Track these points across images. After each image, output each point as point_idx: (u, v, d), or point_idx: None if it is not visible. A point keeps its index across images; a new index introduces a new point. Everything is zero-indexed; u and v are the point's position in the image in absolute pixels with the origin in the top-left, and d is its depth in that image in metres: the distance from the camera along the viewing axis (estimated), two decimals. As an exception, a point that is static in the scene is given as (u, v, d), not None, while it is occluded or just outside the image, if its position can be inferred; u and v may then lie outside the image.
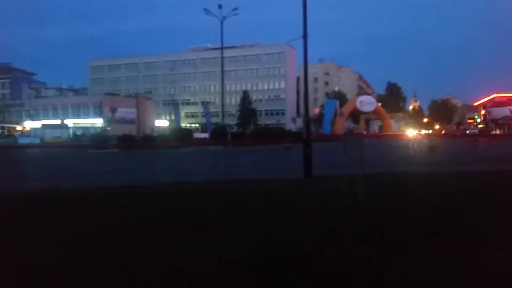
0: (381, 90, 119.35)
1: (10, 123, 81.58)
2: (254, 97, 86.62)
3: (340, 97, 76.85)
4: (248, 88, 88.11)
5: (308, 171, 11.19)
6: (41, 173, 16.06)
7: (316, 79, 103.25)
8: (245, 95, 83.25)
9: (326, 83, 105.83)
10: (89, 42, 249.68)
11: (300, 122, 56.85)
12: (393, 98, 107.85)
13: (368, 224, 5.33)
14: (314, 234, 4.98)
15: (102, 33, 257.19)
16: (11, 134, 69.19)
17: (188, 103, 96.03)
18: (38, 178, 13.45)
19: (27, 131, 70.98)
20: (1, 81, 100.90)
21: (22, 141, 53.31)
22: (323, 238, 4.78)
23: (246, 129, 62.84)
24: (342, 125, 58.98)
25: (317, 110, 79.14)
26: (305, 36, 12.51)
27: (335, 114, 58.77)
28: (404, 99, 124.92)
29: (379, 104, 71.52)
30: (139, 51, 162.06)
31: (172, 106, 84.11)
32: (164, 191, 9.08)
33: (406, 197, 7.60)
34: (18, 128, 76.55)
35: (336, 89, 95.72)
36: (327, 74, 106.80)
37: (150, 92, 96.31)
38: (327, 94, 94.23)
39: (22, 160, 26.49)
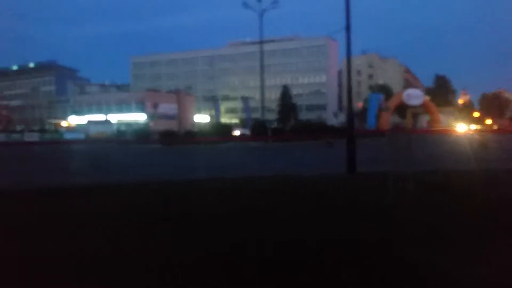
0: (429, 83, 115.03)
1: (56, 118, 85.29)
2: (295, 92, 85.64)
3: (385, 91, 74.47)
4: (288, 82, 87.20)
5: (352, 168, 10.78)
6: (99, 167, 16.51)
7: (359, 72, 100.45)
8: (285, 90, 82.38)
9: (370, 76, 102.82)
10: (131, 39, 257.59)
11: (342, 117, 55.66)
12: (441, 92, 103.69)
13: (417, 225, 5.07)
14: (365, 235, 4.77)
15: (143, 30, 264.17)
16: (58, 129, 72.18)
17: (227, 98, 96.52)
18: (102, 172, 13.90)
19: (73, 126, 73.93)
20: (47, 78, 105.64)
21: (68, 136, 55.47)
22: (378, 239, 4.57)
23: (286, 125, 62.21)
24: (388, 120, 57.16)
25: (360, 104, 77.16)
26: (348, 28, 11.89)
27: (380, 108, 57.04)
28: (453, 93, 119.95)
29: (427, 97, 68.67)
30: (178, 47, 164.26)
31: (212, 101, 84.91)
32: (222, 184, 9.37)
33: (460, 197, 7.07)
34: (63, 123, 79.78)
35: (381, 82, 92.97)
36: (371, 66, 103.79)
37: (190, 88, 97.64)
38: (371, 87, 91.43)
39: (75, 154, 27.59)
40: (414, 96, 59.31)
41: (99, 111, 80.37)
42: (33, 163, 19.62)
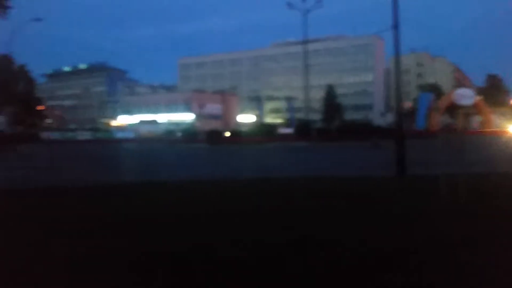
0: (480, 83, 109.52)
1: (106, 118, 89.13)
2: (340, 91, 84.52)
3: (435, 90, 71.80)
4: (333, 82, 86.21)
5: (401, 170, 10.48)
6: (150, 165, 17.08)
7: (407, 71, 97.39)
8: (330, 89, 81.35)
9: (419, 75, 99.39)
10: (179, 41, 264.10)
11: (389, 117, 54.31)
12: (493, 91, 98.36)
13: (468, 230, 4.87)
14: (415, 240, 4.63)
15: (191, 32, 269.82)
16: (108, 128, 75.35)
17: (272, 98, 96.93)
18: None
19: (123, 125, 77.03)
20: (98, 79, 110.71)
21: (119, 135, 57.91)
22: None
23: (331, 125, 61.56)
24: (438, 120, 55.24)
25: (409, 104, 74.85)
26: (396, 26, 11.68)
27: (430, 108, 55.17)
28: (506, 93, 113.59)
29: (479, 97, 65.47)
30: (224, 48, 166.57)
31: (256, 101, 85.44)
32: (272, 185, 9.36)
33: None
34: (114, 123, 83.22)
35: (431, 81, 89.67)
36: (420, 65, 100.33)
37: (235, 88, 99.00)
38: (420, 87, 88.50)
39: (127, 152, 28.88)
40: (465, 96, 55.89)
41: (148, 111, 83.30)
42: (88, 161, 20.85)
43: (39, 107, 69.30)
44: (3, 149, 25.12)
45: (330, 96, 79.60)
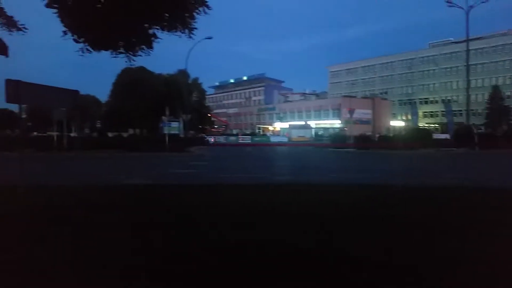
0: None
1: (264, 124, 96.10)
2: (508, 93, 75.06)
3: None
4: (499, 82, 76.94)
5: None
6: (298, 167, 19.00)
7: None
8: (495, 91, 72.97)
9: None
10: (330, 49, 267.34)
11: None
12: None
13: None
14: None
15: (342, 39, 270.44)
16: (265, 133, 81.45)
17: (426, 101, 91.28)
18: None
19: (278, 131, 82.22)
20: (258, 89, 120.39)
21: (273, 139, 62.54)
22: None
23: (497, 130, 55.32)
24: None
25: None
26: None
27: None
28: None
29: None
30: (375, 53, 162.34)
31: (409, 105, 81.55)
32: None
33: None
34: (270, 128, 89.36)
35: None
36: None
37: (385, 93, 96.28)
38: None
39: (285, 154, 31.75)
40: None
41: (300, 117, 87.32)
42: (246, 161, 23.88)
43: (208, 115, 79.30)
44: (180, 150, 30.47)
45: (496, 98, 71.32)
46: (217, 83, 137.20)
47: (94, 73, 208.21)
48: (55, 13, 5.66)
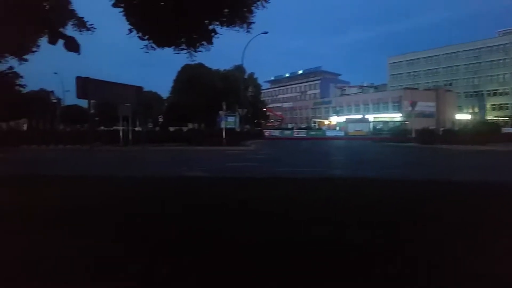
0: None
1: (320, 118, 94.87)
2: None
3: None
4: None
5: None
6: (356, 162, 18.65)
7: None
8: None
9: None
10: (388, 41, 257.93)
11: None
12: None
13: None
14: None
15: (401, 30, 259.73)
16: (320, 127, 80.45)
17: (495, 93, 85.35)
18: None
19: (333, 125, 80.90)
20: (314, 82, 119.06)
21: (329, 133, 61.66)
22: None
23: None
24: None
25: None
26: None
27: None
28: None
29: None
30: (438, 44, 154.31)
31: (476, 98, 76.89)
32: None
33: None
34: (326, 122, 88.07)
35: None
36: None
37: (450, 84, 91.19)
38: None
39: (342, 149, 31.27)
40: None
41: (357, 111, 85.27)
42: (304, 155, 23.73)
43: (263, 109, 79.84)
44: (236, 144, 30.98)
45: None
46: (272, 78, 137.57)
47: (156, 71, 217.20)
48: (121, 12, 5.96)
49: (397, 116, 73.55)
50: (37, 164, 16.96)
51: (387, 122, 68.55)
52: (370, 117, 78.62)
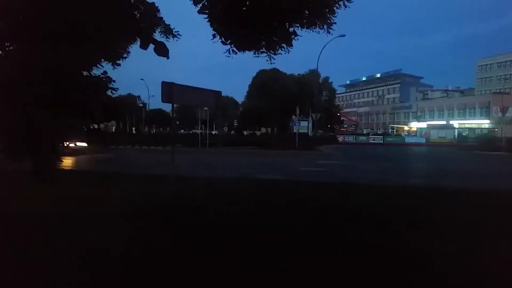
0: None
1: (398, 123, 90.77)
2: None
3: None
4: None
5: None
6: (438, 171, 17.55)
7: None
8: None
9: None
10: (476, 42, 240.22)
11: None
12: None
13: None
14: None
15: (490, 31, 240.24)
16: (399, 133, 76.94)
17: None
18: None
19: (414, 130, 76.93)
20: (393, 86, 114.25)
21: (409, 139, 58.78)
22: None
23: None
24: None
25: None
26: None
27: None
28: None
29: None
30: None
31: None
32: None
33: None
34: (405, 128, 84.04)
35: None
36: None
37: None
38: None
39: (420, 156, 29.71)
40: None
41: (440, 116, 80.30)
42: (378, 162, 22.82)
43: (338, 114, 78.39)
44: (308, 149, 30.78)
45: None
46: (348, 82, 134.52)
47: (233, 77, 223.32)
48: (206, 18, 6.25)
49: (485, 123, 68.08)
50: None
51: (473, 129, 63.77)
52: (455, 123, 73.64)
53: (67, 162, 16.53)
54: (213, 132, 37.76)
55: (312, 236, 4.98)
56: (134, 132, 57.20)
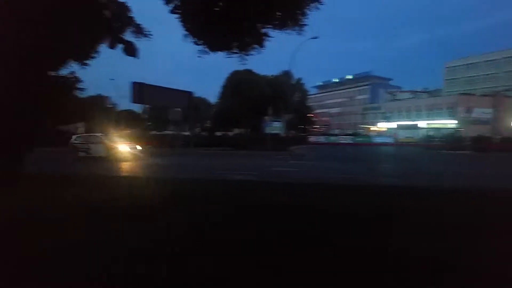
0: None
1: (368, 124, 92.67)
2: None
3: None
4: None
5: None
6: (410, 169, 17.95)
7: None
8: None
9: None
10: (444, 45, 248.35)
11: None
12: None
13: None
14: None
15: (456, 34, 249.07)
16: (367, 133, 78.36)
17: None
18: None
19: (383, 131, 78.69)
20: (363, 87, 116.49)
21: (377, 140, 60.13)
22: None
23: None
24: None
25: None
26: None
27: None
28: None
29: None
30: (499, 47, 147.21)
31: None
32: None
33: None
34: (373, 128, 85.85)
35: None
36: None
37: (511, 90, 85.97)
38: None
39: (389, 156, 30.37)
40: None
41: (408, 117, 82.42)
42: (347, 162, 23.21)
43: (309, 115, 79.14)
44: (279, 149, 31.00)
45: None
46: (320, 83, 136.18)
47: (204, 77, 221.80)
48: (178, 18, 6.20)
49: (451, 123, 70.44)
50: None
51: (439, 129, 65.83)
52: (423, 123, 75.79)
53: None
54: (185, 133, 37.36)
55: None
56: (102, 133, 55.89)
